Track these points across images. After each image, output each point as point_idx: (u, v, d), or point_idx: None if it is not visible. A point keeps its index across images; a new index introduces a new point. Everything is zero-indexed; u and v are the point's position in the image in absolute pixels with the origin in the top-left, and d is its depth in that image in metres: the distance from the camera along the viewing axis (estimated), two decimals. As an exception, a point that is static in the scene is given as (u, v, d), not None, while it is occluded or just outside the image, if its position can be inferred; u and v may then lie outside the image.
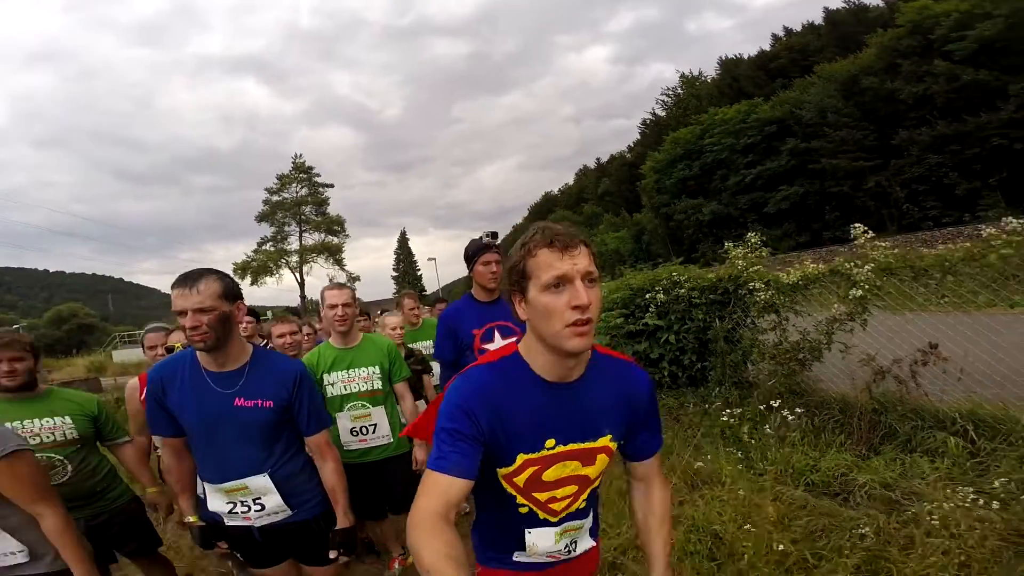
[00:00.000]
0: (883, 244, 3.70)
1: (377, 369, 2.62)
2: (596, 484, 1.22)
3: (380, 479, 2.64)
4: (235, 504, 1.68)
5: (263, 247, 37.57)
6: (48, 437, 2.00)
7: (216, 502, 1.69)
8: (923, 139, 21.46)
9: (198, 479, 1.77)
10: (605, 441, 1.14)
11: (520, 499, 1.17)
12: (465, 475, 1.00)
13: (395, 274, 55.71)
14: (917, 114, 21.98)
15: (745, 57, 37.41)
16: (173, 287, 1.55)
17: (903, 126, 22.36)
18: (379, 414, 2.61)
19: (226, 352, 1.64)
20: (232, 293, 1.63)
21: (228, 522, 1.73)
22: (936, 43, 22.54)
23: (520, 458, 1.10)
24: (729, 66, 37.37)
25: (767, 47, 37.36)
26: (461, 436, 1.02)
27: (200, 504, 1.78)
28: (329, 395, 2.56)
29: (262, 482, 1.66)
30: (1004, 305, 3.30)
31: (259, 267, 36.46)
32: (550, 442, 1.10)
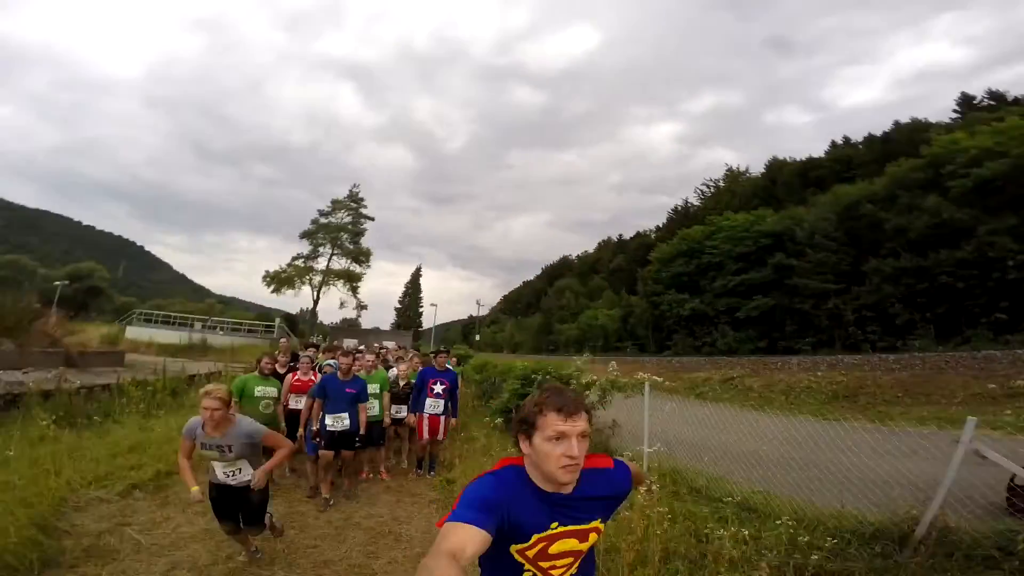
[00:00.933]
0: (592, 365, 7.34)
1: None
2: (587, 552, 1.54)
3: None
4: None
5: (295, 261, 39.92)
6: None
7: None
8: (886, 270, 20.29)
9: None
10: (596, 524, 1.49)
11: (527, 566, 1.45)
12: (485, 527, 1.21)
13: (399, 306, 57.00)
14: (892, 245, 20.82)
15: (795, 160, 36.56)
16: None
17: (878, 255, 21.22)
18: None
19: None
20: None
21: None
22: (944, 179, 21.28)
23: (535, 537, 1.40)
24: (773, 168, 36.76)
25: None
26: (484, 507, 1.27)
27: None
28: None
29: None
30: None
31: (287, 278, 39.43)
32: (554, 524, 1.42)
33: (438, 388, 6.28)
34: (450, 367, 7.08)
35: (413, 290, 59.40)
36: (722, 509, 4.47)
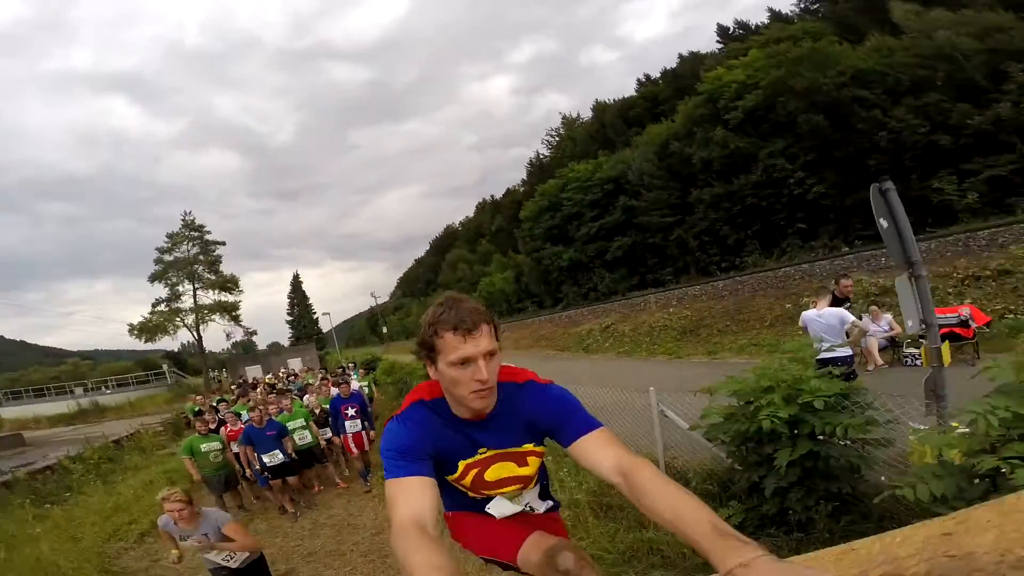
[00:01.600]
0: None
1: None
2: (535, 481, 1.50)
3: None
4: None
5: (158, 307, 37.82)
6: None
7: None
8: (706, 198, 25.89)
9: None
10: (531, 447, 1.41)
11: (472, 494, 1.46)
12: (423, 473, 1.20)
13: (290, 318, 55.38)
14: (704, 176, 26.40)
15: (614, 101, 41.84)
16: None
17: (696, 186, 26.78)
18: None
19: None
20: None
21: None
22: (721, 112, 26.98)
23: (461, 464, 1.37)
24: (598, 111, 41.68)
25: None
26: (408, 454, 1.22)
27: None
28: None
29: None
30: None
31: (155, 327, 37.31)
32: (482, 450, 1.37)
33: (351, 412, 7.35)
34: (356, 388, 8.55)
35: (299, 298, 56.97)
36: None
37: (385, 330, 55.01)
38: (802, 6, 37.59)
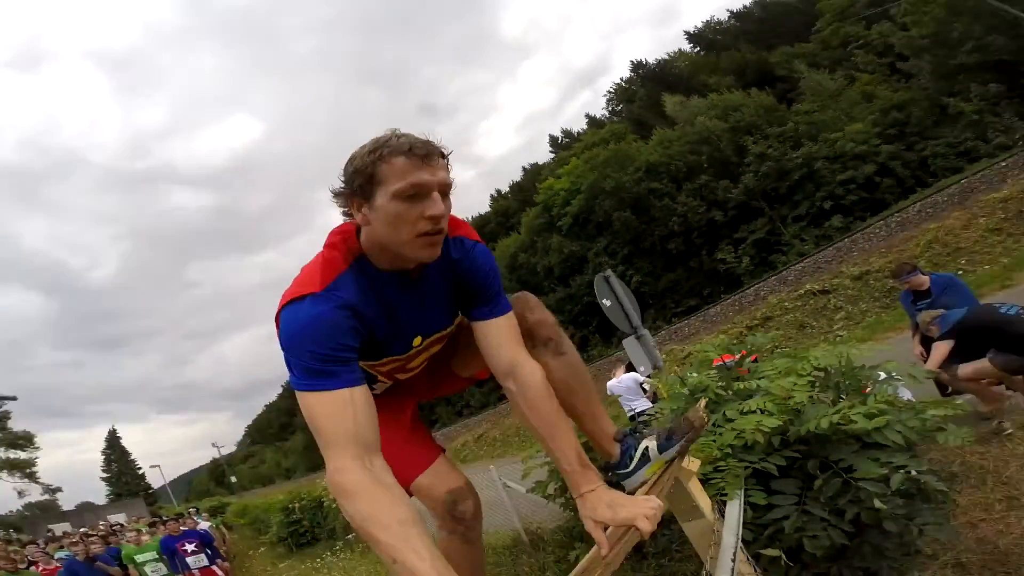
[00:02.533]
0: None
1: None
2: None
3: None
4: None
5: None
6: None
7: None
8: (552, 305, 27.01)
9: None
10: (458, 319, 1.21)
11: (381, 379, 1.22)
12: (349, 383, 0.91)
13: (106, 475, 49.83)
14: (548, 282, 27.68)
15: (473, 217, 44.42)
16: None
17: (543, 293, 27.95)
18: None
19: None
20: None
21: None
22: (555, 219, 29.15)
23: (386, 359, 1.13)
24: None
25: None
26: (339, 351, 0.92)
27: None
28: None
29: None
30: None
31: None
32: (416, 340, 1.13)
33: (189, 547, 6.61)
34: (200, 526, 8.04)
35: (117, 453, 50.87)
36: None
37: (234, 479, 49.71)
38: (610, 109, 43.31)
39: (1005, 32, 15.45)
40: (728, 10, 40.79)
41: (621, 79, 41.72)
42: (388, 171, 0.95)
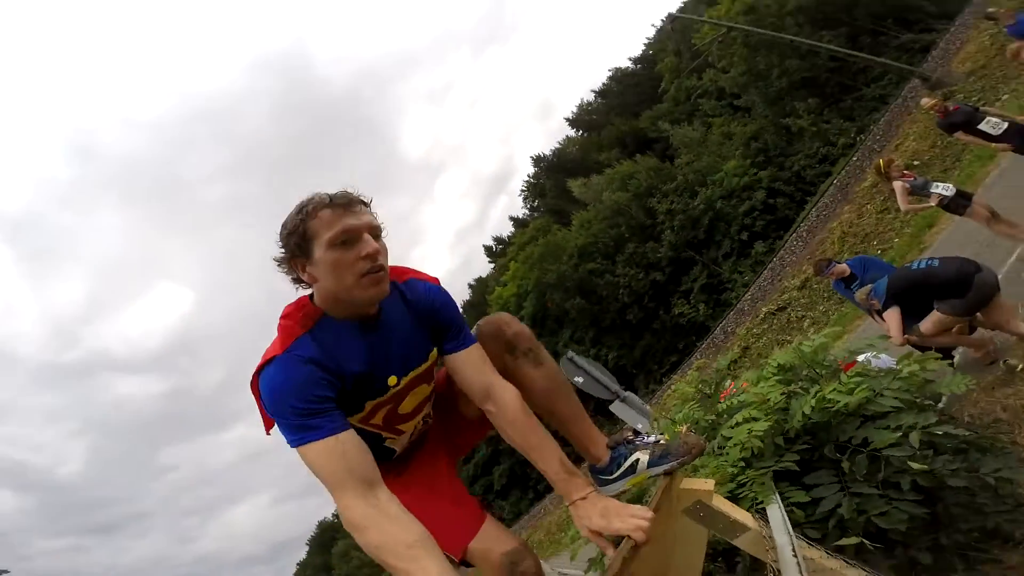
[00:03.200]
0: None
1: None
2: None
3: None
4: None
5: None
6: None
7: None
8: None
9: None
10: (434, 355, 1.25)
11: (386, 435, 1.25)
12: (334, 431, 1.00)
13: None
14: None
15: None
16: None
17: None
18: None
19: None
20: None
21: None
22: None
23: (368, 405, 1.16)
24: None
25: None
26: (317, 402, 1.01)
27: None
28: None
29: None
30: None
31: None
32: (392, 380, 1.17)
33: None
34: None
35: None
36: None
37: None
38: (528, 206, 46.43)
39: (799, 56, 18.86)
40: (592, 91, 46.42)
41: (528, 176, 45.51)
42: (317, 225, 1.05)
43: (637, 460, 1.35)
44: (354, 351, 1.11)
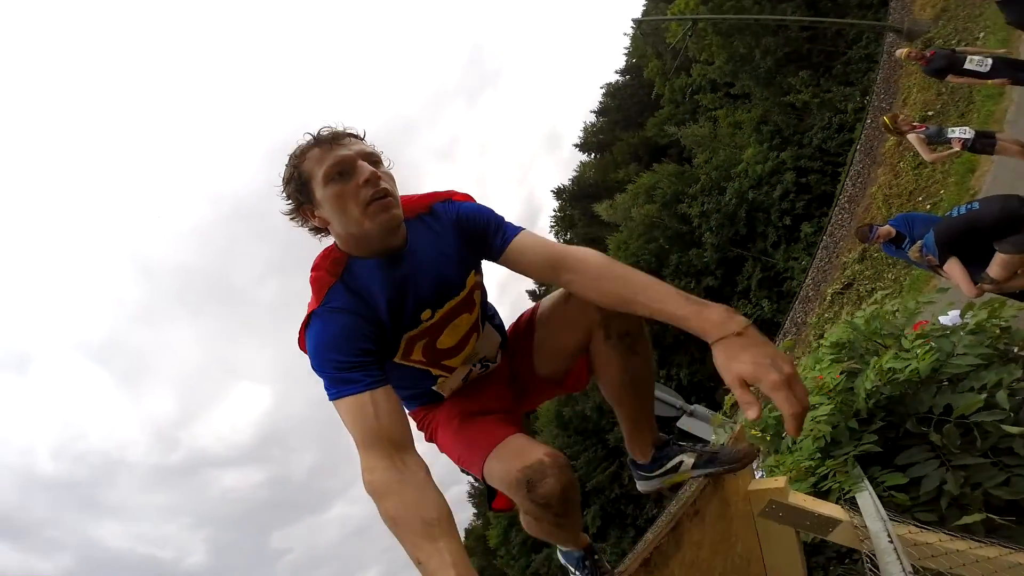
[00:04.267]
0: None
1: None
2: (480, 311, 1.22)
3: None
4: None
5: None
6: None
7: None
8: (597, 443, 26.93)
9: None
10: (472, 280, 1.16)
11: (435, 371, 1.20)
12: (380, 379, 0.98)
13: None
14: (605, 420, 27.87)
15: None
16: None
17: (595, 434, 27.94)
18: None
19: None
20: None
21: None
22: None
23: (403, 340, 1.11)
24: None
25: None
26: (353, 354, 0.99)
27: None
28: None
29: None
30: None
31: None
32: (425, 313, 1.10)
33: None
34: None
35: None
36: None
37: None
38: (562, 240, 47.05)
39: (773, 32, 19.08)
40: (592, 111, 47.35)
41: (554, 210, 46.27)
42: (309, 165, 1.04)
43: (681, 462, 1.34)
44: (384, 287, 1.07)
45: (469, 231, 1.18)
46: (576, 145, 45.48)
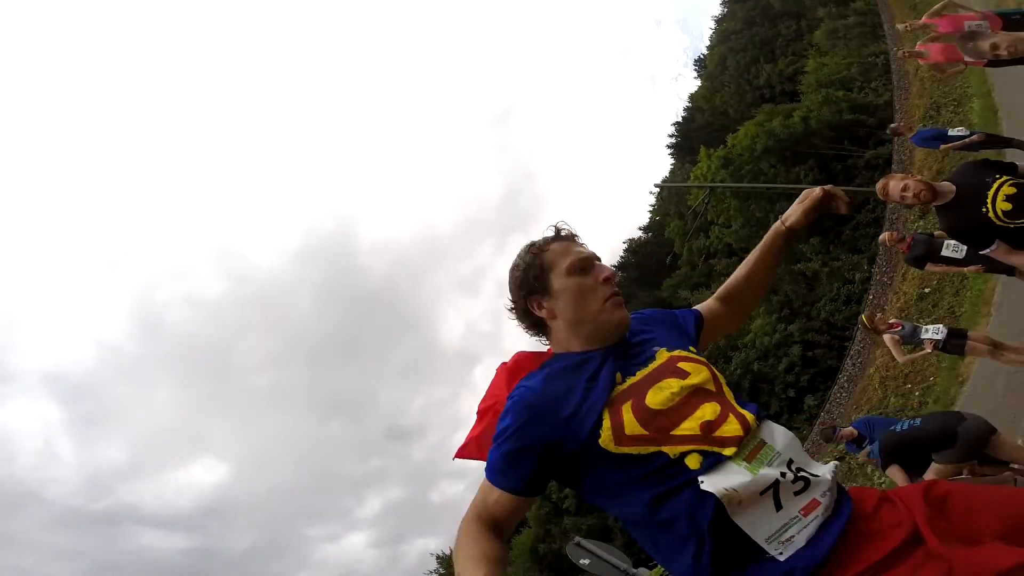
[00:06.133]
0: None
1: None
2: (722, 385, 1.02)
3: None
4: None
5: None
6: None
7: None
8: None
9: None
10: (682, 352, 1.07)
11: (667, 447, 0.91)
12: (508, 486, 0.98)
13: None
14: None
15: None
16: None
17: None
18: None
19: None
20: None
21: None
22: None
23: (605, 415, 0.96)
24: None
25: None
26: (514, 444, 0.98)
27: None
28: None
29: None
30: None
31: None
32: (617, 377, 1.02)
33: None
34: None
35: None
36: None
37: None
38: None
39: (786, 198, 19.66)
40: (612, 265, 48.70)
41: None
42: (552, 256, 1.10)
43: None
44: (583, 377, 1.03)
45: (680, 320, 1.29)
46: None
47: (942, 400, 8.75)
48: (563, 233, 1.15)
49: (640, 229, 41.61)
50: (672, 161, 37.41)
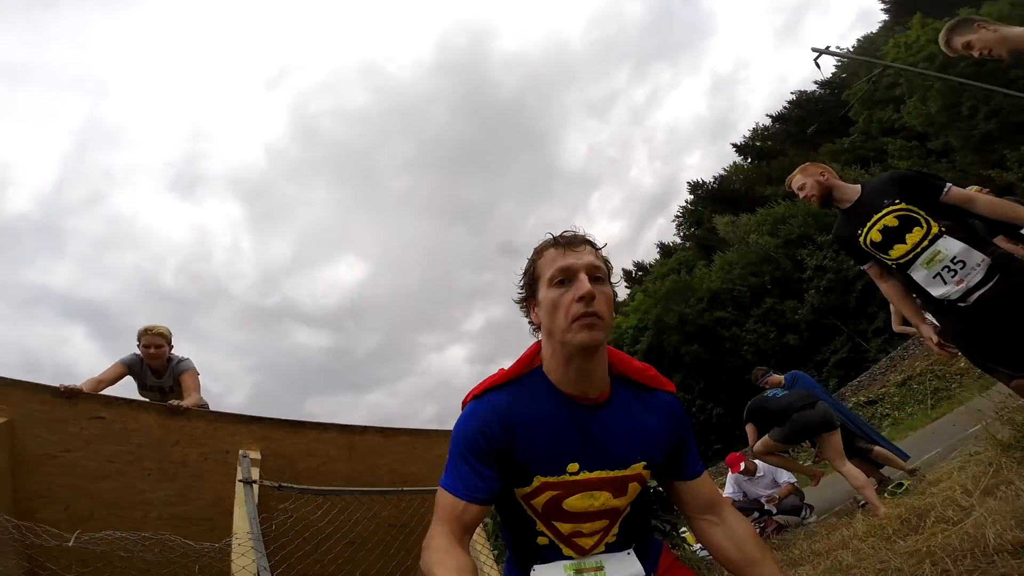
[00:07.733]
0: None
1: None
2: (627, 512, 1.17)
3: None
4: None
5: None
6: None
7: None
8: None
9: None
10: (638, 469, 1.12)
11: (540, 526, 1.14)
12: (476, 498, 1.06)
13: None
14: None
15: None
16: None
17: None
18: None
19: None
20: None
21: None
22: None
23: (537, 480, 1.09)
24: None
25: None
26: (476, 458, 1.06)
27: None
28: None
29: None
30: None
31: None
32: (572, 466, 1.08)
33: None
34: None
35: None
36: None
37: None
38: (681, 234, 44.99)
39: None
40: (768, 115, 43.02)
41: (686, 201, 43.56)
42: (543, 264, 1.11)
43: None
44: (549, 423, 1.10)
45: (676, 440, 1.19)
46: (735, 145, 42.21)
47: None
48: (560, 240, 1.12)
49: (816, 83, 35.49)
50: (884, 17, 29.58)
